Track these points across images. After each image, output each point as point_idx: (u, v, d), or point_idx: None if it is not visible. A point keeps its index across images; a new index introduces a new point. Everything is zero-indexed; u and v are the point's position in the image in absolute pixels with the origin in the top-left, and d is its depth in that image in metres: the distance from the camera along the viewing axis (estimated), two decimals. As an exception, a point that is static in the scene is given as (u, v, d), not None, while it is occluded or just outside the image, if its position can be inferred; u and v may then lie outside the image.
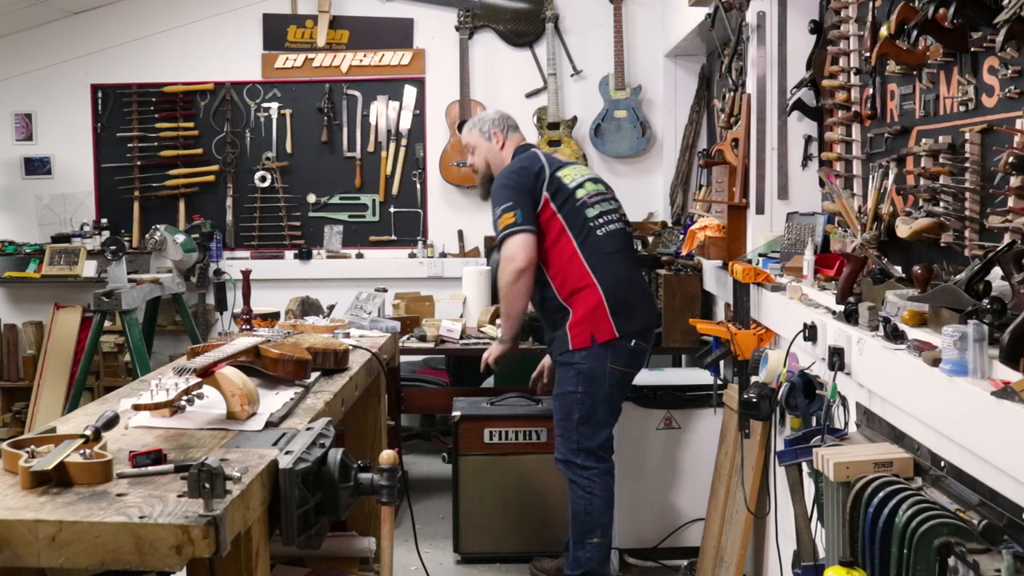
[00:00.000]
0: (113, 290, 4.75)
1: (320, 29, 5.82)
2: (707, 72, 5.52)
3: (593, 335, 3.48)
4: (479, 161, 3.83)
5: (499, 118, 3.83)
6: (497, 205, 3.56)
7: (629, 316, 3.53)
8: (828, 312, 2.65)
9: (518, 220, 3.50)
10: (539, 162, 3.65)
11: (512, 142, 3.80)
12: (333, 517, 1.81)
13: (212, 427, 1.93)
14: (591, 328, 3.48)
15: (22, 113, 6.04)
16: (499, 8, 5.82)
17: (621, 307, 3.52)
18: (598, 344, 3.48)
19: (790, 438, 2.56)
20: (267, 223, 5.94)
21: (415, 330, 4.57)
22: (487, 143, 3.79)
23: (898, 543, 1.80)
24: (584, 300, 3.50)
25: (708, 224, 4.04)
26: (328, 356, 2.53)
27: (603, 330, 3.48)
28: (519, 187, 3.57)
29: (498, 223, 3.53)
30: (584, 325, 3.49)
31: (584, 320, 3.49)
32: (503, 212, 3.52)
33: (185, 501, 1.47)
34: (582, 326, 3.49)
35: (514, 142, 3.80)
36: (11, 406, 5.90)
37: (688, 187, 5.55)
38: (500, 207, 3.54)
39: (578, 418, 3.50)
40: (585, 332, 3.48)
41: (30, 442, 1.68)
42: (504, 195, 3.55)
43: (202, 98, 5.93)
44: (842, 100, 3.12)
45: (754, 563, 3.56)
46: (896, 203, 2.77)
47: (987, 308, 1.82)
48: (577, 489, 3.53)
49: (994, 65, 2.24)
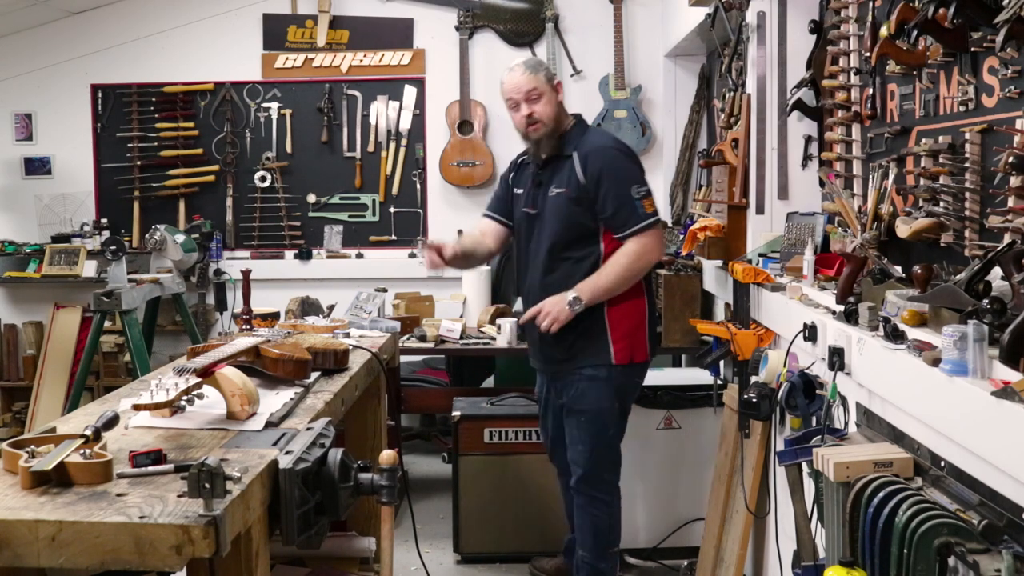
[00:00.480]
0: (113, 290, 4.75)
1: (320, 29, 5.82)
2: (707, 72, 5.52)
3: (633, 354, 3.31)
4: (546, 111, 3.28)
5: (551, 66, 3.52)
6: (633, 182, 3.23)
7: (656, 337, 3.47)
8: (828, 312, 2.65)
9: (657, 210, 3.29)
10: None
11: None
12: (333, 517, 1.81)
13: (212, 427, 1.93)
14: (632, 346, 3.30)
15: (22, 113, 6.04)
16: (499, 8, 5.82)
17: (654, 326, 3.42)
18: (635, 363, 3.35)
19: (790, 438, 2.56)
20: (267, 223, 5.94)
21: (415, 330, 4.57)
22: (554, 93, 3.33)
23: (898, 543, 1.80)
24: (629, 311, 3.30)
25: (708, 224, 4.04)
26: (328, 356, 2.53)
27: (640, 350, 3.34)
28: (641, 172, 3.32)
29: (642, 205, 3.21)
30: (627, 340, 3.29)
31: (628, 335, 3.30)
32: (645, 196, 3.23)
33: (185, 501, 1.47)
34: (625, 341, 3.29)
35: None
36: (11, 406, 5.90)
37: (688, 187, 5.55)
38: (639, 187, 3.23)
39: (613, 433, 3.35)
40: (627, 349, 3.30)
41: (30, 442, 1.68)
42: (640, 175, 3.28)
43: (202, 98, 5.93)
44: (842, 100, 3.12)
45: (754, 563, 3.55)
46: (896, 203, 2.77)
47: (987, 308, 1.82)
48: (601, 505, 3.37)
49: (994, 65, 2.24)
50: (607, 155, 3.26)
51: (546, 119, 3.27)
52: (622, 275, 3.23)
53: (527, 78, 3.27)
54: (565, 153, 3.30)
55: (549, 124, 3.28)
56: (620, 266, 3.22)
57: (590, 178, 3.22)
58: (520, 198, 3.45)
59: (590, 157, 3.24)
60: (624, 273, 3.23)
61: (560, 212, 3.29)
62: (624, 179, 3.22)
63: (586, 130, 3.39)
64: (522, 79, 3.28)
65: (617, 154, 3.28)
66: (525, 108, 3.28)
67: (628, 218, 3.21)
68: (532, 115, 3.27)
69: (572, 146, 3.29)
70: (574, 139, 3.31)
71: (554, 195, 3.29)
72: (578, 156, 3.26)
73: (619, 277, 3.23)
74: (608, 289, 3.23)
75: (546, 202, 3.32)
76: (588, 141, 3.31)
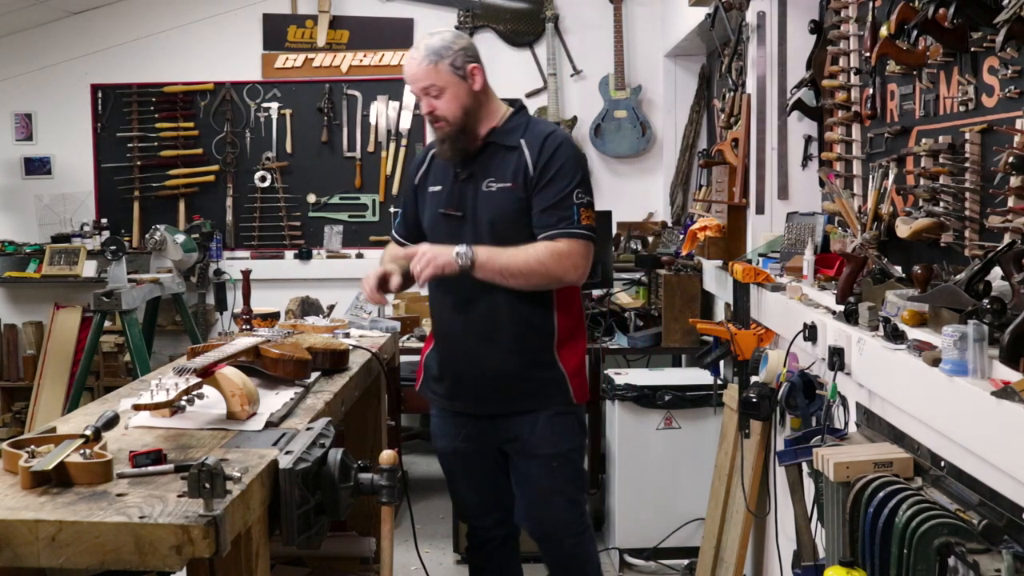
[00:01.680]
0: (113, 290, 4.75)
1: (320, 29, 5.83)
2: (707, 72, 5.52)
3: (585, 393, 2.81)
4: (450, 109, 2.64)
5: (469, 44, 2.70)
6: (578, 187, 2.61)
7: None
8: (828, 312, 2.65)
9: (593, 228, 2.64)
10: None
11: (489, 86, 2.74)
12: (333, 517, 1.81)
13: (212, 427, 1.93)
14: (582, 383, 2.79)
15: (22, 113, 6.04)
16: (499, 8, 5.82)
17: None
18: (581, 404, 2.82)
19: (790, 438, 2.56)
20: (267, 223, 5.94)
21: (415, 330, 4.57)
22: (464, 83, 2.65)
23: (898, 543, 1.80)
24: (578, 347, 2.78)
25: (708, 224, 4.05)
26: (328, 356, 2.53)
27: (585, 390, 2.82)
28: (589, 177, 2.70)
29: (579, 213, 2.59)
30: (581, 378, 2.78)
31: (580, 371, 2.77)
32: (585, 206, 2.61)
33: (185, 501, 1.47)
34: (580, 378, 2.77)
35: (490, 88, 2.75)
36: (11, 406, 5.90)
37: (688, 187, 5.55)
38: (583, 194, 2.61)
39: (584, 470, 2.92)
40: (584, 386, 2.79)
41: (30, 442, 1.68)
42: (585, 182, 2.65)
43: (202, 98, 5.93)
44: (842, 100, 3.12)
45: (754, 563, 3.55)
46: (896, 203, 2.77)
47: (987, 308, 1.82)
48: (587, 545, 2.87)
49: (994, 65, 2.24)
50: (565, 148, 2.65)
51: (451, 117, 2.63)
52: (532, 267, 2.56)
53: (424, 70, 2.62)
54: (508, 143, 2.67)
55: (455, 123, 2.64)
56: (533, 256, 2.56)
57: (542, 169, 2.61)
58: (436, 197, 2.77)
59: (546, 145, 2.63)
60: (535, 266, 2.56)
61: (499, 212, 2.65)
62: (571, 179, 2.61)
63: (530, 120, 2.75)
64: (418, 71, 2.63)
65: (574, 152, 2.68)
66: (424, 104, 2.67)
67: (560, 220, 2.59)
68: (433, 112, 2.65)
69: (518, 135, 2.68)
70: (518, 129, 2.69)
71: (492, 191, 2.66)
72: (527, 144, 2.65)
73: (527, 267, 2.56)
74: (505, 270, 2.57)
75: (477, 200, 2.67)
76: (539, 130, 2.69)
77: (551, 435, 2.73)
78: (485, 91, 2.70)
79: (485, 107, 2.69)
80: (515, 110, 2.76)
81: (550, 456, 2.74)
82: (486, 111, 2.69)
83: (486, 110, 2.70)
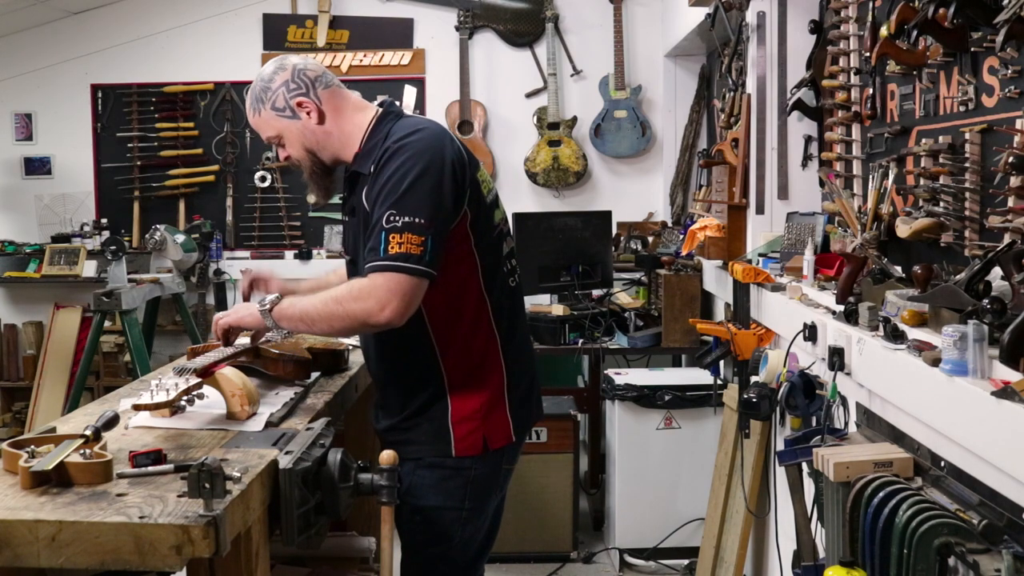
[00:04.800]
0: (113, 290, 4.75)
1: (320, 29, 5.82)
2: (707, 72, 5.52)
3: (487, 438, 2.24)
4: (297, 152, 2.31)
5: (294, 72, 2.28)
6: (393, 207, 2.07)
7: (528, 410, 2.38)
8: (828, 312, 2.65)
9: (425, 256, 2.06)
10: (462, 149, 2.25)
11: (344, 104, 2.32)
12: (333, 517, 1.82)
13: (212, 427, 1.94)
14: (485, 428, 2.23)
15: (22, 113, 6.04)
16: (499, 8, 5.82)
17: (524, 398, 2.34)
18: (491, 450, 2.26)
19: (790, 438, 2.56)
20: (267, 223, 5.94)
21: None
22: (296, 121, 2.27)
23: (898, 543, 1.80)
24: (479, 382, 2.24)
25: (708, 224, 4.05)
26: (328, 356, 2.54)
27: (500, 432, 2.26)
28: (442, 188, 2.12)
29: (387, 239, 2.05)
30: (474, 422, 2.23)
31: (476, 415, 2.23)
32: (397, 230, 2.05)
33: (185, 501, 1.47)
34: (472, 423, 2.23)
35: (349, 104, 2.33)
36: (11, 406, 5.90)
37: (688, 187, 5.55)
38: (397, 215, 2.07)
39: (459, 542, 2.29)
40: (477, 433, 2.23)
41: (30, 442, 1.68)
42: (406, 194, 2.09)
43: (202, 98, 5.93)
44: (842, 100, 3.12)
45: (754, 563, 3.56)
46: (896, 203, 2.77)
47: (987, 308, 1.82)
48: None
49: (994, 65, 2.24)
50: (393, 161, 2.14)
51: (299, 160, 2.32)
52: (331, 309, 2.12)
53: (255, 122, 2.33)
54: (364, 171, 2.23)
55: (308, 165, 2.32)
56: (332, 297, 2.13)
57: (375, 193, 2.15)
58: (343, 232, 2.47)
59: (380, 163, 2.18)
60: (334, 308, 2.11)
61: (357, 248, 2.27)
62: (387, 199, 2.10)
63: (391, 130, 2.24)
64: (252, 123, 2.34)
65: (402, 162, 2.13)
66: (277, 151, 2.37)
67: (369, 251, 2.11)
68: (288, 158, 2.35)
69: (373, 156, 2.21)
70: (376, 148, 2.22)
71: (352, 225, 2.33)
72: (374, 169, 2.20)
73: (326, 310, 2.13)
74: (306, 316, 2.16)
75: (357, 238, 2.28)
76: (384, 144, 2.20)
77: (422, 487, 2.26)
78: (330, 118, 2.29)
79: (336, 136, 2.29)
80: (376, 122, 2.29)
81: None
82: (338, 140, 2.29)
83: (338, 139, 2.29)
